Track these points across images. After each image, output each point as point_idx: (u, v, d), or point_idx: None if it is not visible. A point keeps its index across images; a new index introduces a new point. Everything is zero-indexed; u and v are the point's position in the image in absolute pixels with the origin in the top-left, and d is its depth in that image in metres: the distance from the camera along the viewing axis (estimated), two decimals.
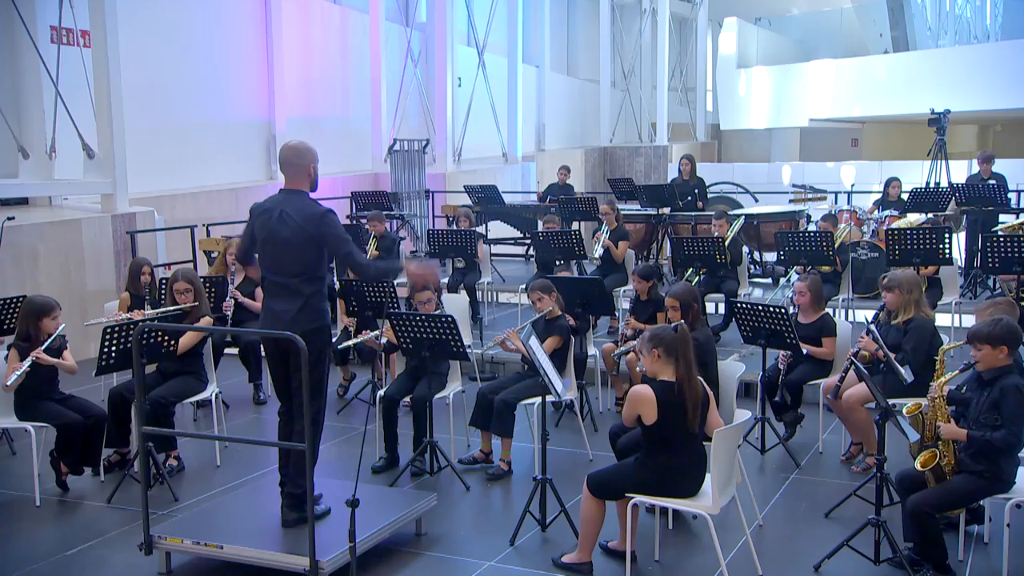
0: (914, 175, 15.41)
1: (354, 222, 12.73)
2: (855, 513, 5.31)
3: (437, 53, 17.23)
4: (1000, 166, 11.59)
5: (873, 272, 9.76)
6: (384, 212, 11.78)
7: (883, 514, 4.77)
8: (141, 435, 4.75)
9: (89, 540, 5.26)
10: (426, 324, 5.87)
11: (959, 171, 13.29)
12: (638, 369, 4.84)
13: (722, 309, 9.41)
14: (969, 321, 8.76)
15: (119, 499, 5.83)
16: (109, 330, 5.75)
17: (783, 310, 6.19)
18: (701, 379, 4.53)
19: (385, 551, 4.95)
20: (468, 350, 6.31)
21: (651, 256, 11.91)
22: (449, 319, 5.81)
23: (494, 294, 11.20)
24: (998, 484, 4.41)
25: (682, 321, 5.55)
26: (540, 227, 13.75)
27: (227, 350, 8.15)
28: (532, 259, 14.24)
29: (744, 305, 6.44)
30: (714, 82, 28.01)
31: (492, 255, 11.14)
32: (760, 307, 6.31)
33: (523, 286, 9.94)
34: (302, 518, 4.83)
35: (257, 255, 5.03)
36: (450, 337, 5.86)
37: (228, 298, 7.90)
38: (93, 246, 10.23)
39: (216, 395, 6.63)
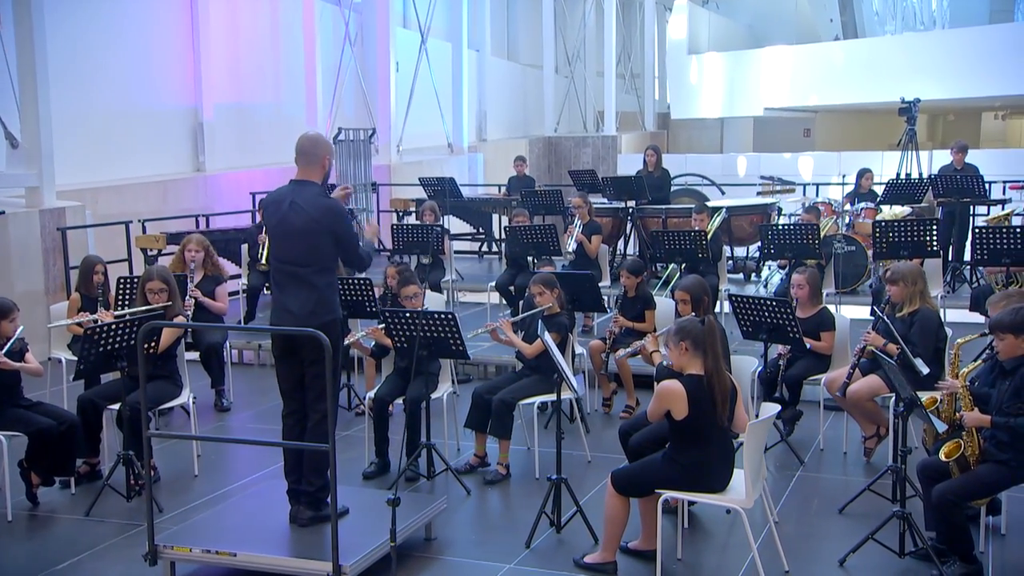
0: (872, 166, 15.95)
1: None
2: (868, 508, 5.67)
3: (376, 36, 17.30)
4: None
5: (849, 266, 10.24)
6: None
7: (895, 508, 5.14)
8: (145, 440, 4.85)
9: (78, 554, 5.34)
10: (423, 321, 6.06)
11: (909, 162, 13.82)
12: (665, 363, 5.09)
13: None
14: (953, 315, 9.35)
15: (99, 511, 5.89)
16: (89, 332, 5.81)
17: (786, 304, 6.52)
18: (728, 373, 4.83)
19: (400, 556, 5.12)
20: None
21: (617, 251, 12.24)
22: (450, 316, 6.02)
23: (454, 293, 11.39)
24: (1023, 472, 4.79)
25: (693, 314, 5.85)
26: (497, 221, 14.14)
27: (187, 354, 8.20)
28: (484, 255, 14.52)
29: (745, 299, 6.76)
30: (659, 68, 28.57)
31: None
32: (762, 301, 6.64)
33: (492, 284, 10.20)
34: (318, 516, 5.03)
35: (271, 249, 5.22)
36: (449, 335, 6.05)
37: (188, 297, 7.95)
38: (20, 244, 10.14)
39: (193, 400, 6.72)
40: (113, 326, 5.95)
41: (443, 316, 6.04)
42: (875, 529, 5.09)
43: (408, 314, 6.13)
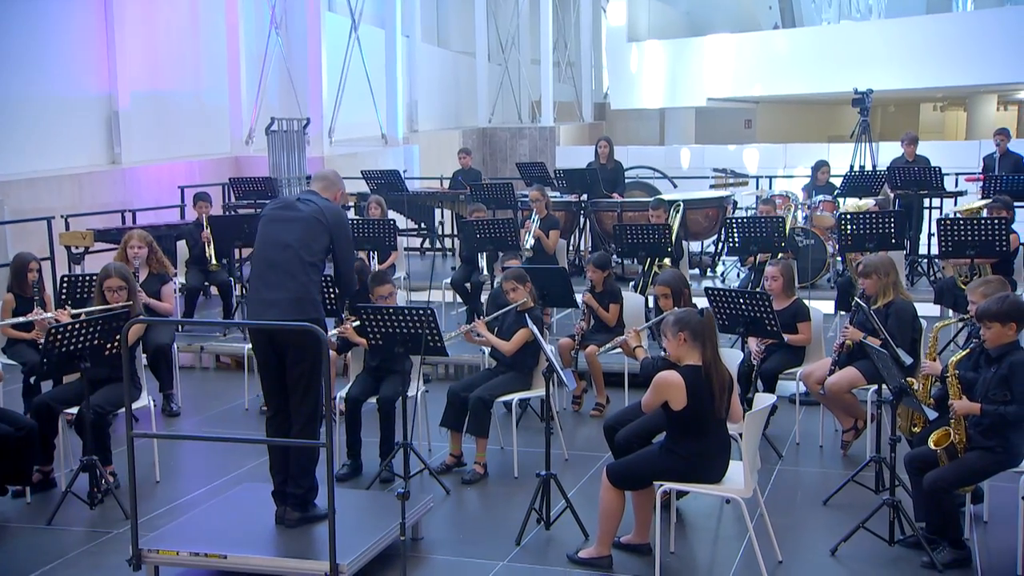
0: (819, 158, 16.50)
1: (232, 212, 12.86)
2: (852, 499, 6.05)
3: (306, 21, 17.36)
4: (896, 148, 12.74)
5: (808, 260, 10.69)
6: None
7: (885, 495, 5.52)
8: (128, 441, 4.97)
9: (48, 563, 5.44)
10: (399, 318, 6.25)
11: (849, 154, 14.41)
12: (663, 354, 5.38)
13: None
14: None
15: (60, 520, 5.99)
16: (53, 332, 5.89)
17: (764, 296, 6.86)
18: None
19: (389, 557, 5.33)
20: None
21: (569, 246, 12.54)
22: (428, 311, 6.22)
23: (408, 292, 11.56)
24: (1010, 458, 5.18)
25: (676, 308, 6.16)
26: (439, 216, 14.34)
27: None
28: (427, 252, 14.71)
29: (721, 292, 7.08)
30: (595, 57, 29.02)
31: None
32: (739, 294, 6.97)
33: (447, 281, 10.43)
34: (306, 517, 5.22)
35: (258, 236, 5.38)
36: (427, 331, 6.25)
37: None
38: None
39: (153, 403, 6.82)
40: (72, 326, 6.03)
41: (421, 312, 6.23)
42: (866, 518, 5.46)
43: (384, 311, 6.30)
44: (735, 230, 9.50)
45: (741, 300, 6.94)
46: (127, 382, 4.98)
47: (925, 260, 11.54)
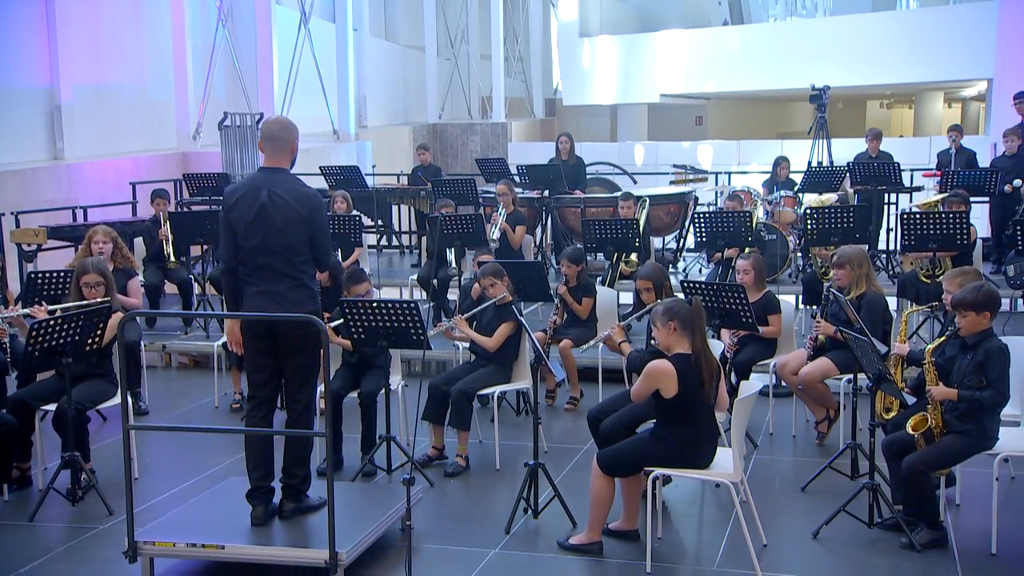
0: (774, 154, 16.91)
1: (186, 209, 12.91)
2: (828, 486, 6.37)
3: (255, 14, 17.42)
4: (845, 145, 13.13)
5: (770, 255, 11.04)
6: None
7: (861, 480, 5.84)
8: (124, 432, 5.10)
9: (36, 558, 5.55)
10: (383, 312, 6.43)
11: (803, 150, 14.78)
12: (654, 344, 5.63)
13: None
14: None
15: (42, 516, 6.11)
16: (35, 328, 5.99)
17: (739, 289, 7.15)
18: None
19: (383, 547, 5.53)
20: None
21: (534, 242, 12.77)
22: (412, 305, 6.40)
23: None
24: (984, 441, 5.52)
25: (658, 300, 6.43)
26: (397, 212, 14.51)
27: None
28: (384, 250, 14.85)
29: (697, 285, 7.37)
30: (545, 52, 29.32)
31: None
32: (714, 286, 7.26)
33: (413, 277, 10.62)
34: (300, 508, 5.40)
35: (239, 240, 5.42)
36: (411, 325, 6.43)
37: None
38: None
39: (131, 400, 6.92)
40: (52, 322, 6.13)
41: (404, 305, 6.41)
42: (846, 501, 5.77)
43: (368, 305, 6.47)
44: (702, 225, 9.78)
45: (717, 293, 7.22)
46: (123, 376, 5.11)
47: (884, 255, 11.96)
